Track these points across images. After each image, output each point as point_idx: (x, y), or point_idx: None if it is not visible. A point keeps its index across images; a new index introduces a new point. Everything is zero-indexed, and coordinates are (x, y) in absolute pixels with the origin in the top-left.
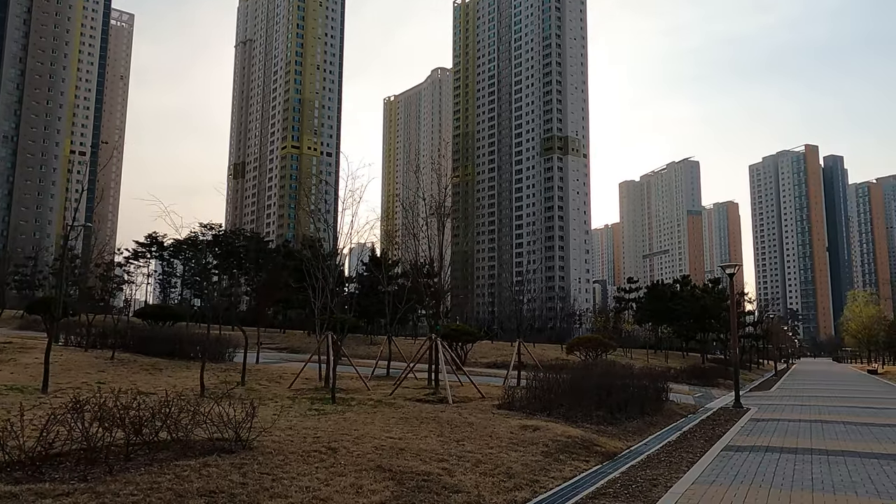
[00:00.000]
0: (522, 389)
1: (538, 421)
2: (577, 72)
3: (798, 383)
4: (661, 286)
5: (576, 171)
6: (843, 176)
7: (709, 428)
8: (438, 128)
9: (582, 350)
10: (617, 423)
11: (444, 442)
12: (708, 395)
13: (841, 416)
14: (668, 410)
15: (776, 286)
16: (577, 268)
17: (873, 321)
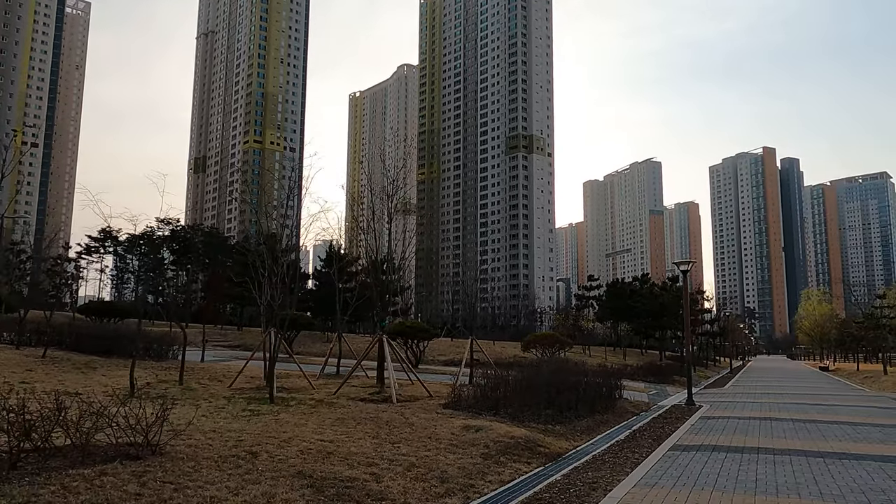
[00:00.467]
0: (470, 388)
1: (483, 421)
2: (542, 71)
3: (752, 380)
4: (621, 284)
5: (540, 170)
6: (799, 178)
7: (659, 426)
8: (404, 125)
9: (538, 348)
10: (566, 423)
11: (378, 444)
12: (663, 393)
13: (790, 413)
14: (620, 409)
15: (734, 285)
16: (540, 266)
17: (826, 319)
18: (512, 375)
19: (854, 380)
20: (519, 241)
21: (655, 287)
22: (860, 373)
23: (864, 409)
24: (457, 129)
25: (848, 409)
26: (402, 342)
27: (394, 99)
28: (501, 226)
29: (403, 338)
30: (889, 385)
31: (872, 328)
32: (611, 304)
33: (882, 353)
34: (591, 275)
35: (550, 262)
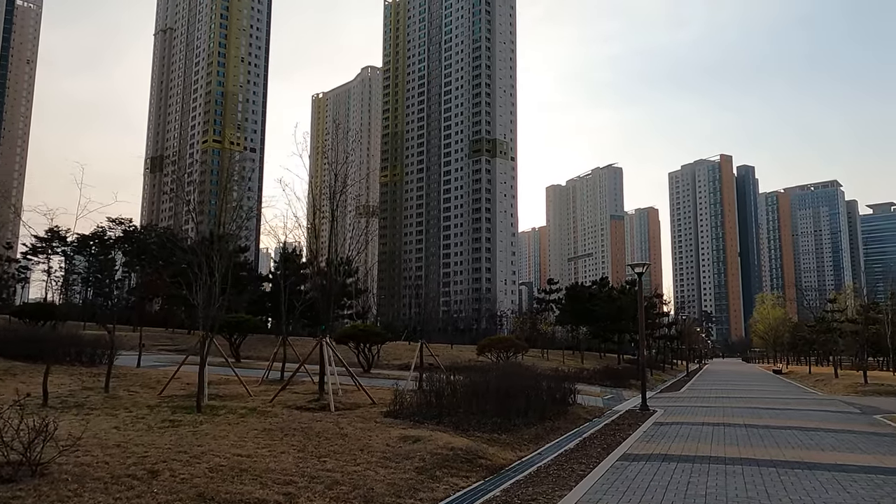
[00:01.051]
0: (416, 394)
1: (423, 430)
2: (505, 75)
3: (707, 384)
4: (580, 288)
5: (503, 174)
6: (755, 185)
7: (610, 434)
8: (368, 127)
9: (493, 351)
10: (514, 431)
11: (302, 459)
12: (618, 397)
13: (744, 418)
14: (573, 414)
15: (692, 289)
16: (503, 270)
17: (779, 323)
18: (459, 381)
19: (806, 383)
20: (482, 244)
21: (614, 290)
22: (812, 375)
23: (817, 413)
24: (420, 131)
25: (800, 414)
26: (354, 346)
27: (357, 101)
28: (464, 229)
29: (355, 342)
30: (840, 388)
31: (824, 332)
32: (570, 307)
33: (833, 356)
34: (551, 278)
35: (513, 266)
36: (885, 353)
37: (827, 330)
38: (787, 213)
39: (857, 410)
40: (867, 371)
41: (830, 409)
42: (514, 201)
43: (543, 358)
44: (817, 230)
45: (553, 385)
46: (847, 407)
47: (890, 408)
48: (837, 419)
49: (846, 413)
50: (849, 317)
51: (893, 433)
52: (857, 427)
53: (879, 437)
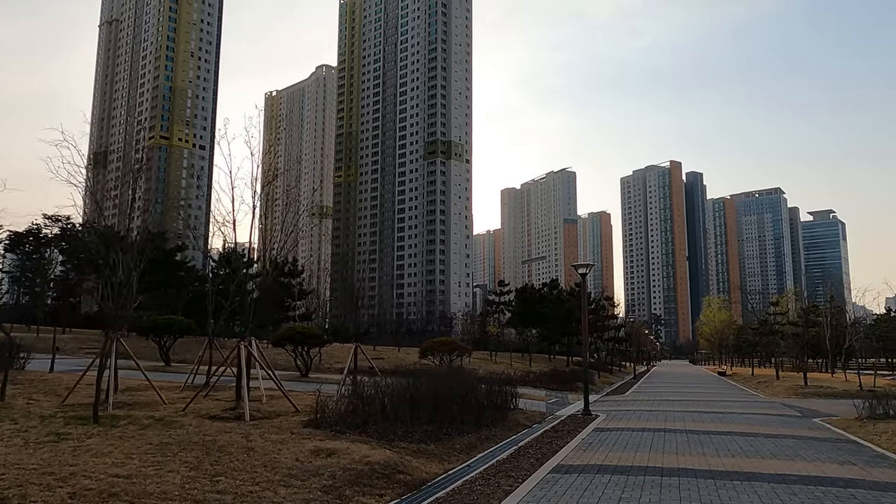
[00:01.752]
0: (343, 401)
1: (342, 442)
2: (461, 77)
3: (653, 386)
4: (531, 290)
5: (458, 176)
6: (703, 191)
7: (547, 442)
8: (322, 126)
9: (436, 354)
10: (446, 440)
11: (191, 479)
12: (563, 401)
13: (686, 423)
14: (511, 421)
15: (642, 292)
16: (457, 272)
17: (724, 325)
18: (388, 386)
19: (749, 385)
20: (436, 246)
21: (563, 293)
22: (755, 377)
23: (758, 416)
24: (375, 132)
25: (742, 418)
26: (291, 349)
27: (312, 100)
28: (418, 231)
29: (293, 344)
30: (781, 390)
31: (766, 334)
32: (520, 309)
33: (775, 357)
34: (502, 280)
35: (467, 269)
36: (824, 354)
37: (769, 332)
38: (733, 219)
39: (797, 413)
40: (807, 373)
41: (771, 413)
42: (468, 204)
43: (492, 361)
44: (761, 236)
45: (493, 389)
46: (787, 410)
47: (828, 410)
48: (778, 423)
49: (787, 417)
50: (790, 319)
51: (831, 438)
52: (798, 431)
53: (819, 443)
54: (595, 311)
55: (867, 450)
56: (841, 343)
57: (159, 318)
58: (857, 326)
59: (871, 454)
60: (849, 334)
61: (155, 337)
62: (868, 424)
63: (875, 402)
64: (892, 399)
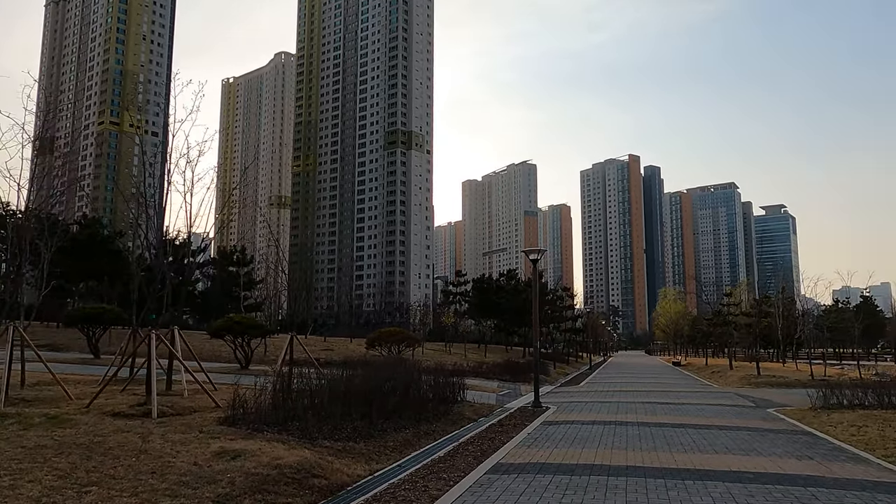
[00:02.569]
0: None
1: (255, 442)
2: (422, 67)
3: (608, 377)
4: (488, 280)
5: (419, 167)
6: (660, 185)
7: (490, 437)
8: (281, 115)
9: (384, 345)
10: (379, 437)
11: (53, 491)
12: (515, 393)
13: (638, 414)
14: (456, 415)
15: (601, 284)
16: (417, 263)
17: (679, 316)
18: (320, 378)
19: (703, 375)
20: (396, 237)
21: (520, 283)
22: (708, 367)
23: (712, 407)
24: (335, 121)
25: (696, 409)
26: (231, 340)
27: (270, 88)
28: (378, 222)
29: (232, 335)
30: (735, 380)
31: (720, 324)
32: (477, 300)
33: (728, 347)
34: (459, 270)
35: (427, 260)
36: (776, 345)
37: (723, 323)
38: (689, 213)
39: (751, 404)
40: (759, 363)
41: (725, 403)
42: (429, 195)
43: (446, 352)
44: (716, 229)
45: (437, 382)
46: (741, 400)
47: (781, 400)
48: (732, 414)
49: (741, 407)
50: (743, 310)
51: (787, 429)
52: (752, 423)
53: (774, 435)
54: (552, 301)
55: (824, 442)
56: (792, 333)
57: (87, 307)
58: (807, 317)
59: (829, 447)
60: (800, 325)
61: (84, 327)
62: (822, 414)
63: (828, 391)
64: (844, 388)
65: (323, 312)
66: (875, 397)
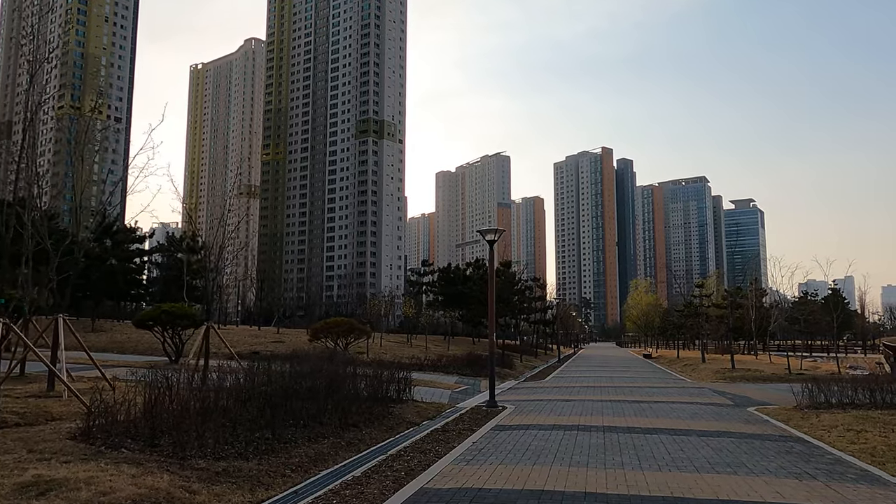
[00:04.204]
0: (125, 403)
1: (98, 463)
2: (395, 55)
3: (577, 370)
4: (455, 269)
5: (391, 156)
6: (632, 178)
7: (427, 448)
8: (251, 102)
9: (330, 336)
10: (284, 451)
11: None
12: (473, 389)
13: (605, 416)
14: (396, 417)
15: (573, 276)
16: (389, 254)
17: (651, 308)
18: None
19: (675, 368)
20: (367, 227)
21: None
22: (680, 360)
23: (687, 407)
24: (305, 109)
25: (669, 409)
26: (160, 332)
27: (240, 74)
28: (350, 212)
29: (160, 326)
30: (708, 374)
31: (692, 316)
32: (443, 290)
33: (701, 339)
34: (426, 259)
35: (400, 251)
36: (747, 336)
37: (694, 314)
38: (660, 206)
39: (729, 402)
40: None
41: (701, 402)
42: (401, 185)
43: (407, 344)
44: (687, 222)
45: (380, 377)
46: (718, 398)
47: (761, 397)
48: (711, 415)
49: (718, 406)
50: (714, 302)
51: (775, 435)
52: (734, 427)
53: (762, 443)
54: (521, 291)
55: (821, 452)
56: (766, 325)
57: None
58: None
59: (828, 459)
60: (773, 316)
61: None
62: (811, 415)
63: (815, 388)
64: (832, 385)
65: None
66: (867, 395)
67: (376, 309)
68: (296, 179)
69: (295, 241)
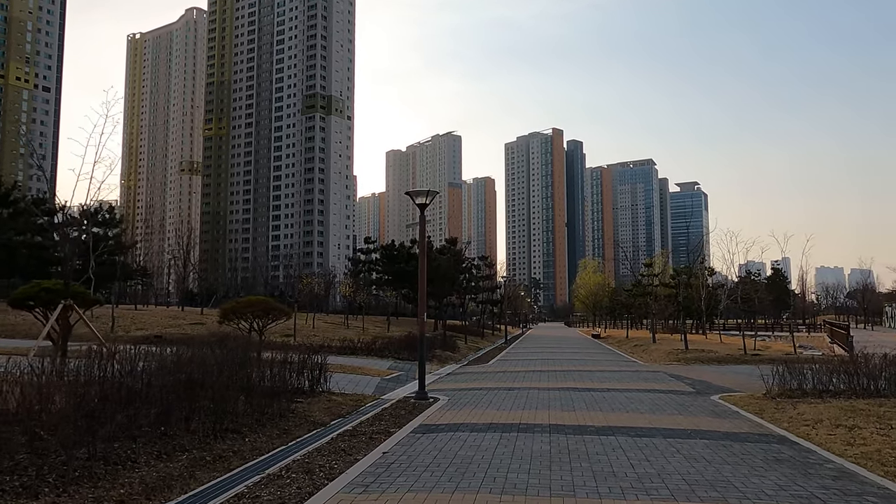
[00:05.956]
0: None
1: None
2: (343, 29)
3: (525, 352)
4: (399, 247)
5: (339, 133)
6: (582, 160)
7: (319, 462)
8: (192, 75)
9: (243, 318)
10: (110, 476)
11: None
12: (407, 375)
13: (552, 411)
14: (301, 415)
15: (524, 257)
16: (337, 234)
17: (599, 288)
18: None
19: (625, 349)
20: (314, 206)
21: (433, 250)
22: (630, 340)
23: (645, 396)
24: (250, 82)
25: (625, 399)
26: (41, 313)
27: (181, 45)
28: (296, 189)
29: (40, 305)
30: (661, 355)
31: (640, 295)
32: (387, 268)
33: (651, 318)
34: (368, 237)
35: (348, 231)
36: (695, 316)
37: (643, 294)
38: (609, 188)
39: (689, 388)
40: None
41: (659, 389)
42: (350, 163)
43: (343, 325)
44: (634, 204)
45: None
46: (676, 383)
47: (722, 382)
48: (673, 405)
49: (679, 394)
50: (663, 281)
51: (753, 433)
52: (703, 422)
53: (742, 446)
54: (467, 269)
55: (817, 459)
56: (716, 304)
57: None
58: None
59: (831, 471)
60: (722, 296)
61: None
62: (786, 405)
63: (786, 372)
64: (805, 369)
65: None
66: (844, 381)
67: (310, 287)
68: (240, 156)
69: (239, 219)
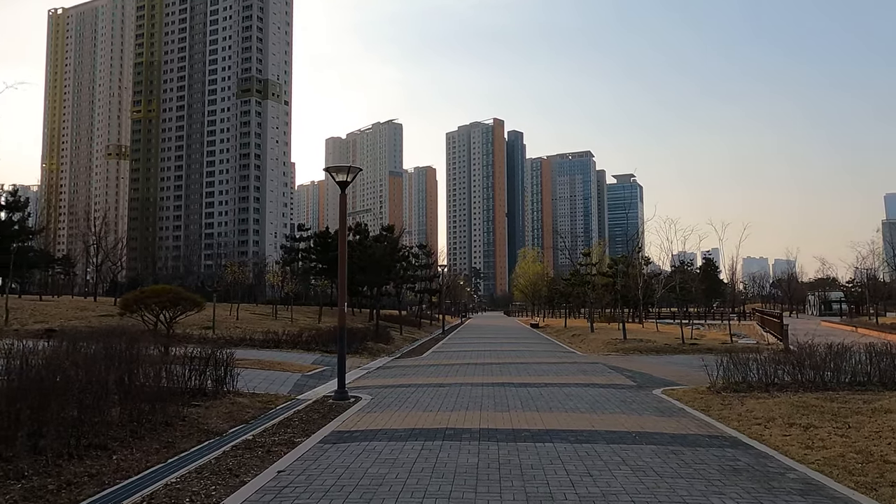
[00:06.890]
0: None
1: None
2: (280, 11)
3: (462, 343)
4: (333, 235)
5: (275, 118)
6: (523, 150)
7: (194, 489)
8: (120, 54)
9: (151, 308)
10: None
11: None
12: (333, 371)
13: (484, 411)
14: (193, 422)
15: (464, 246)
16: (274, 221)
17: (538, 277)
18: None
19: (563, 338)
20: (250, 193)
21: (369, 238)
22: (568, 329)
23: (585, 391)
24: (182, 63)
25: (564, 395)
26: None
27: (107, 22)
28: (231, 176)
29: None
30: (599, 345)
31: (578, 284)
32: (321, 256)
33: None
34: (302, 224)
35: (286, 219)
36: (632, 305)
37: (581, 283)
38: (548, 179)
39: (630, 381)
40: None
41: (599, 382)
42: (287, 149)
43: (271, 316)
44: (573, 195)
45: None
46: (616, 376)
47: (663, 374)
48: (615, 402)
49: (620, 388)
50: (600, 270)
51: (704, 436)
52: (650, 423)
53: (693, 452)
54: (404, 257)
55: (776, 467)
56: (652, 293)
57: None
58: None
59: (794, 482)
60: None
61: None
62: (733, 401)
63: (730, 364)
64: (750, 361)
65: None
66: (790, 373)
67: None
68: (171, 140)
69: (171, 206)
